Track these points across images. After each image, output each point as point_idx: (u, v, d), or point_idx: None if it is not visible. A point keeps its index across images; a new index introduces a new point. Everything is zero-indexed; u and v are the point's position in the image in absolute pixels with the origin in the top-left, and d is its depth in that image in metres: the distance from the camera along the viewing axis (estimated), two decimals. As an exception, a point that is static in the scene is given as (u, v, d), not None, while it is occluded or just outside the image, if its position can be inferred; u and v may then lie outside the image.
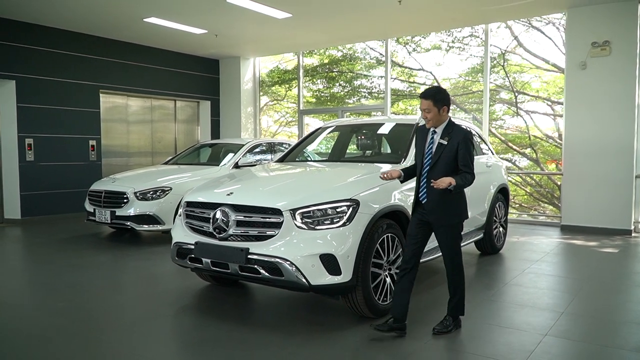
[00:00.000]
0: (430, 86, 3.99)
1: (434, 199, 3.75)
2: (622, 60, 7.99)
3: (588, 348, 3.64)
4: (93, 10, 8.62)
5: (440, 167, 3.75)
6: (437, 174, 3.72)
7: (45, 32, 9.66)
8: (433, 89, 3.85)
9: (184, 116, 12.59)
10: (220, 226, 4.12)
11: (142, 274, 5.84)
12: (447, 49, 11.76)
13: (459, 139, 3.73)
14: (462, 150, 3.72)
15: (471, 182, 3.75)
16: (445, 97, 3.80)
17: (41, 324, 4.12)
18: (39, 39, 9.59)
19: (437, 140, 3.80)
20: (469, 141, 3.76)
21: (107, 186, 7.63)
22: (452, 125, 3.83)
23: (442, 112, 3.79)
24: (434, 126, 3.84)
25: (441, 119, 3.81)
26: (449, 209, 3.78)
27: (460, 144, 3.72)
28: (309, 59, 12.84)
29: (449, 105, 3.81)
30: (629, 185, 8.06)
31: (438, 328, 3.86)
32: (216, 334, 3.88)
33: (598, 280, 5.52)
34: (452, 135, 3.76)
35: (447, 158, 3.74)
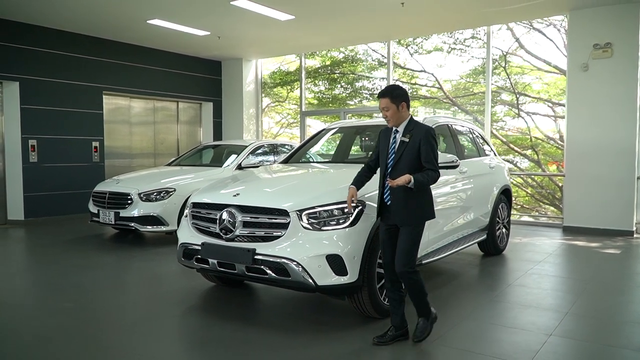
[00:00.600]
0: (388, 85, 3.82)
1: (398, 199, 3.62)
2: (623, 62, 8.03)
3: (592, 348, 3.67)
4: (97, 12, 8.66)
5: (402, 166, 3.62)
6: (400, 173, 3.59)
7: (49, 34, 9.70)
8: (389, 86, 3.77)
9: (186, 117, 12.63)
10: (226, 227, 4.15)
11: (147, 275, 5.87)
12: (449, 51, 11.79)
13: (421, 135, 3.62)
14: (425, 147, 3.60)
15: (435, 179, 3.61)
16: (403, 93, 3.70)
17: (47, 324, 4.15)
18: (43, 41, 9.63)
19: (399, 139, 3.70)
20: (432, 137, 3.65)
21: (111, 187, 7.66)
22: (414, 123, 3.72)
23: (401, 109, 3.68)
24: (395, 125, 3.73)
25: (401, 116, 3.70)
26: (413, 208, 3.62)
27: (422, 141, 3.61)
28: (311, 61, 12.87)
29: (407, 102, 3.71)
30: (631, 187, 8.09)
31: (418, 335, 3.70)
32: (222, 334, 3.91)
33: (601, 281, 5.54)
34: (413, 132, 3.65)
35: (410, 156, 3.62)
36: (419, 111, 12.62)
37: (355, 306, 4.14)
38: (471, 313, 4.38)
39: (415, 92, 12.43)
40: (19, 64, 9.33)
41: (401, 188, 3.58)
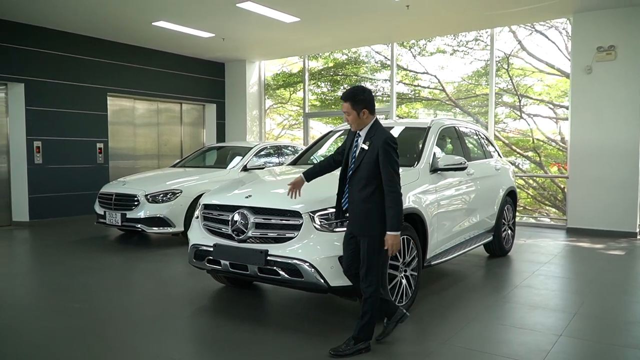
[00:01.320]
0: (352, 86, 3.71)
1: (355, 208, 3.55)
2: (627, 65, 8.08)
3: (602, 348, 3.71)
4: (102, 14, 8.70)
5: (361, 174, 3.51)
6: (359, 180, 3.52)
7: (54, 36, 9.73)
8: (353, 89, 3.61)
9: (189, 119, 12.67)
10: (239, 228, 4.19)
11: (154, 276, 5.90)
12: (452, 53, 11.84)
13: (379, 144, 3.45)
14: (383, 159, 3.42)
15: (398, 200, 3.43)
16: (366, 98, 3.55)
17: (56, 324, 4.17)
18: (48, 42, 9.66)
19: (360, 144, 3.58)
20: (390, 147, 3.45)
21: (118, 189, 7.69)
22: (375, 129, 3.56)
23: (362, 116, 3.55)
24: (357, 129, 3.62)
25: (363, 122, 3.57)
26: (371, 218, 3.48)
27: (380, 151, 3.43)
28: (313, 63, 12.92)
29: (370, 108, 3.56)
30: (634, 188, 8.14)
31: (334, 352, 3.49)
32: (234, 335, 3.94)
33: (606, 282, 5.59)
34: (373, 140, 3.50)
35: (368, 164, 3.48)
36: (420, 113, 12.67)
37: (366, 308, 4.17)
38: (479, 314, 4.42)
39: (418, 94, 12.48)
40: (24, 66, 9.36)
41: (361, 194, 3.49)
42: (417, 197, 4.62)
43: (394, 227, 3.43)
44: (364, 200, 3.51)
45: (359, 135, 3.65)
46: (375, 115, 3.68)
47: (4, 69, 9.10)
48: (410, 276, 4.40)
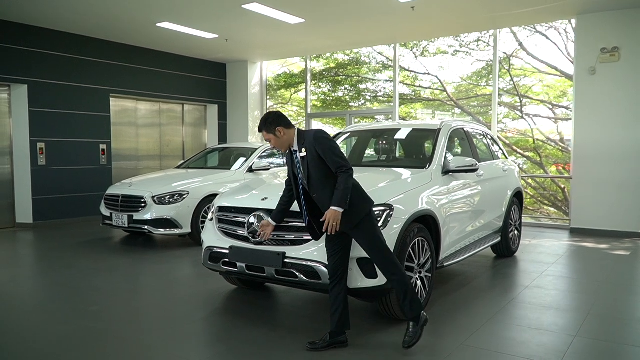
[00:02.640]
0: (261, 119, 3.76)
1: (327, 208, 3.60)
2: (631, 67, 8.15)
3: (618, 349, 3.75)
4: (106, 15, 8.68)
5: (315, 176, 3.61)
6: (317, 186, 3.62)
7: (58, 37, 9.71)
8: (261, 121, 3.72)
9: (191, 120, 12.66)
10: (255, 231, 4.20)
11: (165, 278, 5.90)
12: (454, 54, 11.90)
13: (312, 143, 3.57)
14: (321, 151, 3.54)
15: (349, 179, 3.51)
16: (274, 119, 3.65)
17: (78, 328, 4.18)
18: (51, 44, 9.64)
19: (299, 156, 3.69)
20: (323, 138, 3.58)
21: (124, 190, 7.68)
22: (301, 135, 3.69)
23: (280, 134, 3.66)
24: (288, 148, 3.74)
25: (286, 139, 3.69)
26: (349, 212, 3.55)
27: (317, 147, 3.56)
28: (315, 63, 12.94)
29: (282, 124, 3.66)
30: (637, 189, 8.21)
31: (406, 343, 3.59)
32: (251, 337, 3.95)
33: (615, 282, 5.64)
34: (305, 144, 3.62)
35: (316, 167, 3.59)
36: (420, 113, 12.72)
37: (383, 309, 4.20)
38: (494, 315, 4.45)
39: (418, 95, 12.53)
40: (27, 67, 9.34)
41: (326, 195, 3.58)
42: (431, 199, 4.65)
43: (338, 203, 3.49)
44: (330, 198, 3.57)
45: (294, 150, 3.74)
46: (295, 127, 3.75)
47: (7, 70, 9.07)
48: (425, 277, 4.43)
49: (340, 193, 3.50)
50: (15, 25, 9.13)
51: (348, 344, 3.74)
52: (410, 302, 3.64)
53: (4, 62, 9.02)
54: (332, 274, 3.75)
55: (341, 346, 3.72)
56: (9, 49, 9.07)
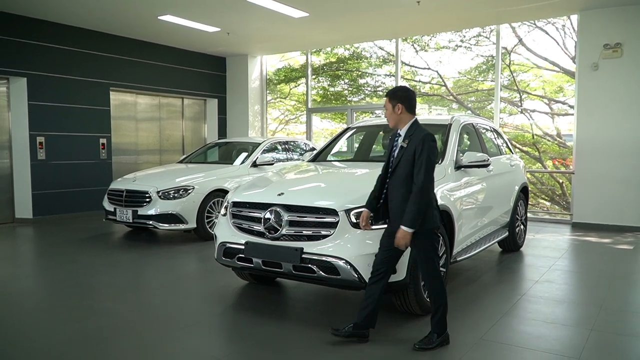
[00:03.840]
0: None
1: (396, 206, 3.61)
2: (633, 62, 8.20)
3: (637, 342, 3.79)
4: (109, 8, 8.59)
5: (400, 172, 3.59)
6: (397, 179, 3.61)
7: (58, 29, 9.60)
8: (393, 89, 3.75)
9: (191, 114, 12.59)
10: (272, 226, 4.18)
11: (174, 273, 5.87)
12: (454, 49, 11.90)
13: (417, 142, 3.53)
14: (419, 157, 3.49)
15: (421, 198, 3.45)
16: (402, 95, 3.66)
17: (89, 326, 4.14)
18: (51, 36, 9.52)
19: (399, 143, 3.66)
20: (427, 144, 3.51)
21: (129, 185, 7.62)
22: (415, 128, 3.65)
23: (397, 111, 3.65)
24: (395, 126, 3.73)
25: (399, 118, 3.68)
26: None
27: (417, 149, 3.50)
28: (315, 57, 12.90)
29: (406, 105, 3.64)
30: (639, 184, 8.28)
31: (419, 345, 3.60)
32: (272, 333, 3.95)
33: (623, 276, 5.69)
34: (412, 138, 3.59)
35: (406, 162, 3.56)
36: (419, 108, 12.73)
37: (401, 304, 4.21)
38: (510, 309, 4.48)
39: (417, 90, 12.53)
40: (27, 60, 9.22)
41: (399, 192, 3.58)
42: (445, 194, 4.66)
43: (409, 223, 3.47)
44: (404, 198, 3.56)
45: (399, 135, 3.73)
46: (415, 116, 3.73)
47: (6, 63, 8.95)
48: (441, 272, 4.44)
49: (412, 213, 3.45)
50: (14, 17, 9.00)
51: (369, 339, 3.74)
52: (440, 319, 3.64)
53: (3, 54, 8.90)
54: (375, 268, 3.71)
55: (362, 340, 3.73)
56: (8, 42, 8.95)
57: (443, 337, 3.66)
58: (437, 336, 3.64)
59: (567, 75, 11.63)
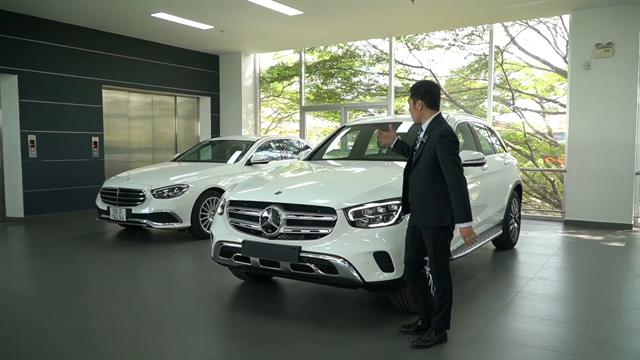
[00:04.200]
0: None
1: (415, 200, 3.66)
2: (624, 62, 8.28)
3: (631, 339, 3.83)
4: (100, 5, 8.54)
5: (420, 165, 3.62)
6: (418, 173, 3.64)
7: (49, 26, 9.52)
8: (416, 84, 3.77)
9: (184, 112, 12.54)
10: (270, 225, 4.18)
11: (170, 272, 5.85)
12: (448, 47, 11.95)
13: (435, 137, 3.54)
14: (440, 150, 3.50)
15: (460, 185, 3.47)
16: (422, 90, 3.68)
17: (87, 326, 4.13)
18: (43, 33, 9.44)
19: (420, 138, 3.70)
20: (446, 139, 3.52)
21: (122, 184, 7.58)
22: (435, 123, 3.65)
23: (417, 106, 3.69)
24: (417, 121, 3.77)
25: (420, 113, 3.71)
26: (429, 210, 3.57)
27: (437, 144, 3.52)
28: (308, 56, 12.89)
29: (426, 100, 3.67)
30: (630, 182, 8.38)
31: (417, 342, 3.62)
32: (271, 331, 3.95)
33: (615, 272, 5.75)
34: (431, 133, 3.60)
35: (426, 157, 3.57)
36: (407, 107, 12.74)
37: (398, 302, 4.23)
38: (506, 307, 4.51)
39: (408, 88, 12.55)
40: (17, 57, 9.13)
41: (420, 186, 3.60)
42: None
43: (462, 219, 3.48)
44: (423, 193, 3.61)
45: (421, 129, 3.75)
46: (438, 111, 3.75)
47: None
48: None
49: (462, 208, 3.46)
50: (5, 13, 8.91)
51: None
52: (442, 316, 3.65)
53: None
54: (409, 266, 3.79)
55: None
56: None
57: (441, 335, 3.68)
58: (436, 334, 3.66)
59: (558, 74, 11.72)
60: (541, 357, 3.49)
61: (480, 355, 3.53)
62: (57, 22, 9.62)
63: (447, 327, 3.70)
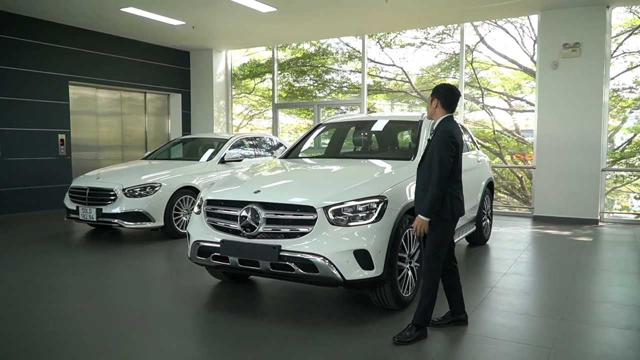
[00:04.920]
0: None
1: (418, 193, 3.83)
2: (591, 61, 8.51)
3: (603, 331, 3.94)
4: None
5: (425, 162, 3.76)
6: (421, 169, 3.80)
7: (13, 20, 9.21)
8: (442, 83, 3.93)
9: (154, 109, 12.32)
10: (249, 224, 4.14)
11: (144, 273, 5.75)
12: (419, 46, 12.06)
13: (435, 137, 3.69)
14: (435, 148, 3.63)
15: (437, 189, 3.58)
16: (441, 92, 3.79)
17: (59, 329, 4.01)
18: (6, 27, 9.13)
19: (428, 136, 3.92)
20: (442, 139, 3.63)
21: (92, 183, 7.40)
22: (443, 123, 3.75)
23: (433, 105, 3.82)
24: (430, 118, 3.92)
25: (433, 112, 3.84)
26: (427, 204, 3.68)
27: (434, 142, 3.67)
28: (280, 53, 12.83)
29: (442, 100, 3.77)
30: (596, 178, 8.63)
31: (398, 338, 3.65)
32: (250, 332, 3.91)
33: (584, 266, 5.91)
34: (436, 132, 3.74)
35: (430, 155, 3.70)
36: (380, 104, 12.84)
37: (377, 299, 4.25)
38: (482, 302, 4.59)
39: (384, 85, 12.64)
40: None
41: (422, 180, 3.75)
42: (419, 190, 4.72)
43: (423, 212, 3.65)
44: (424, 187, 3.74)
45: (432, 128, 3.91)
46: (451, 114, 3.85)
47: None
48: (415, 267, 4.52)
49: (427, 203, 3.62)
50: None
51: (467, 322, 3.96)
52: (424, 310, 3.71)
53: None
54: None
55: (462, 323, 3.96)
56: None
57: (422, 331, 3.72)
58: (416, 329, 3.70)
59: (525, 73, 11.97)
60: (519, 351, 3.56)
61: (461, 352, 3.59)
62: (23, 16, 9.32)
63: (428, 324, 3.76)
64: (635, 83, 10.11)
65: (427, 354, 3.51)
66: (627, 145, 10.99)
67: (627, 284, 5.21)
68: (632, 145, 10.90)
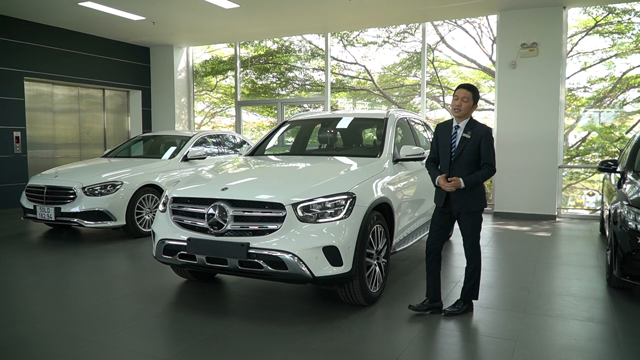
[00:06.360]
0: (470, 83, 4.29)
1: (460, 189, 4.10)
2: (548, 61, 8.79)
3: (566, 324, 4.08)
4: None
5: (463, 159, 4.08)
6: (460, 165, 4.08)
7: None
8: (474, 85, 4.21)
9: (113, 106, 12.01)
10: (216, 222, 4.09)
11: (106, 273, 5.60)
12: (381, 45, 12.17)
13: (482, 134, 4.07)
14: (485, 145, 4.06)
15: (490, 174, 4.08)
16: (478, 95, 4.18)
17: (26, 329, 3.88)
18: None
19: (460, 134, 4.12)
20: (491, 137, 4.12)
21: (50, 181, 7.17)
22: (474, 122, 4.17)
23: (470, 105, 4.11)
24: (461, 116, 4.12)
25: (469, 113, 4.14)
26: (470, 197, 4.10)
27: (483, 139, 4.06)
28: (243, 50, 12.71)
29: (476, 103, 4.16)
30: (554, 175, 8.92)
31: (449, 310, 4.20)
32: (219, 329, 3.87)
33: (544, 260, 6.10)
34: (474, 130, 4.09)
35: (470, 151, 4.07)
36: (342, 102, 12.90)
37: (345, 295, 4.27)
38: (447, 297, 4.67)
39: (342, 84, 12.69)
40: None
41: (462, 175, 4.06)
42: (385, 187, 4.77)
43: (467, 183, 4.04)
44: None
45: (457, 127, 4.16)
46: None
47: None
48: (382, 263, 4.56)
49: (475, 177, 4.04)
50: None
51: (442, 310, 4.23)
52: (472, 287, 4.24)
53: None
54: (429, 247, 4.28)
55: (437, 311, 4.23)
56: None
57: (470, 305, 4.27)
58: (464, 303, 4.23)
59: (484, 72, 12.24)
60: (486, 344, 3.64)
61: (428, 347, 3.64)
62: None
63: (476, 298, 4.27)
64: (589, 83, 10.49)
65: (394, 350, 3.54)
66: (582, 143, 11.41)
67: (585, 277, 5.40)
68: (586, 143, 11.31)
